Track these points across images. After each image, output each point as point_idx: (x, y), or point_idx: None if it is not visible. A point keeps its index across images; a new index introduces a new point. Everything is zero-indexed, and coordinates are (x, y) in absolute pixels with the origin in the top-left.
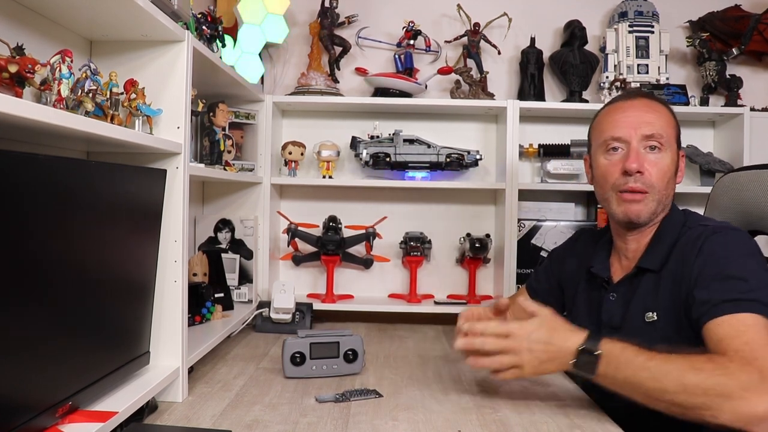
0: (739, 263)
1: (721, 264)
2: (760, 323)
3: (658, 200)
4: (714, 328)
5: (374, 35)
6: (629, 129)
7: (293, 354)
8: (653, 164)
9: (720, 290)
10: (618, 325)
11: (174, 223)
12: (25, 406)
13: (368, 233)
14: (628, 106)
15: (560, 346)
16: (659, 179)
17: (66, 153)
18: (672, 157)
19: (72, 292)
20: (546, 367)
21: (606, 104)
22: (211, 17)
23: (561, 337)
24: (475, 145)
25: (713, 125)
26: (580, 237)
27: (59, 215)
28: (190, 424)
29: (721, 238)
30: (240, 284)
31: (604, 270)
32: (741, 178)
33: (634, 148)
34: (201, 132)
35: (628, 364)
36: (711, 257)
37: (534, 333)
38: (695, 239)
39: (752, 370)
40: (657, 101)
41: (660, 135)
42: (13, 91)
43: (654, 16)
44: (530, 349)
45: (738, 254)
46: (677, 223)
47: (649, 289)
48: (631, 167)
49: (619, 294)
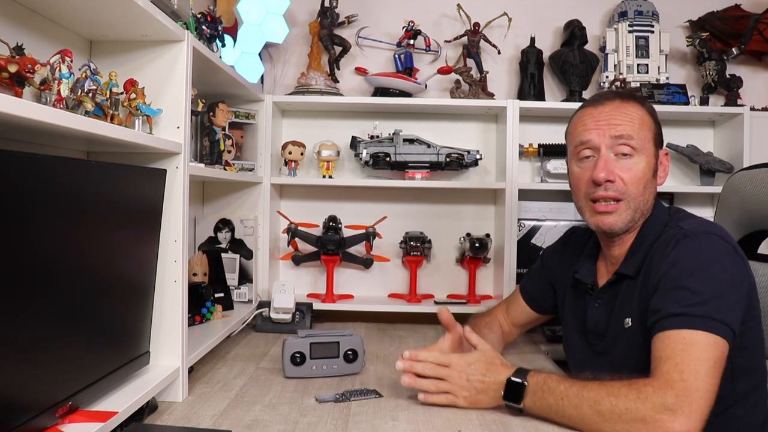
0: (699, 274)
1: (680, 273)
2: (701, 341)
3: (635, 208)
4: (657, 342)
5: (374, 35)
6: (598, 133)
7: (293, 354)
8: (625, 170)
9: (671, 301)
10: (603, 331)
11: (174, 223)
12: (25, 406)
13: (368, 233)
14: (598, 111)
15: (494, 379)
16: (633, 185)
17: (66, 153)
18: (647, 161)
19: (72, 292)
20: (481, 399)
21: (579, 107)
22: (211, 17)
23: (495, 371)
24: (475, 145)
25: (713, 125)
26: (570, 238)
27: (59, 215)
28: (190, 424)
29: (690, 243)
30: (240, 284)
31: (589, 276)
32: (751, 177)
33: (603, 156)
34: (201, 132)
35: (550, 392)
36: (674, 264)
37: (472, 366)
38: (667, 243)
39: (669, 392)
40: (631, 101)
41: (631, 137)
42: (13, 91)
43: (654, 15)
44: (468, 380)
45: (702, 264)
46: (659, 224)
47: (627, 295)
48: (599, 177)
49: (603, 301)
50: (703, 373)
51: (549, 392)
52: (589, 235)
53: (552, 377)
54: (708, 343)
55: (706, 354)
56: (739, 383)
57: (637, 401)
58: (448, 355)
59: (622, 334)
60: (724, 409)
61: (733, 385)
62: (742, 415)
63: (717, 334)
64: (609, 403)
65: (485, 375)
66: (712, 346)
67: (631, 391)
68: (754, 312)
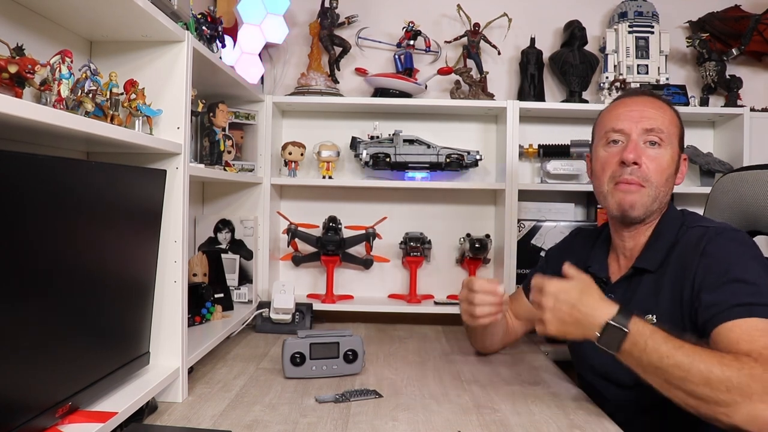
0: (744, 266)
1: (726, 267)
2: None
3: (654, 196)
4: (726, 333)
5: (374, 35)
6: (630, 122)
7: (293, 354)
8: (652, 159)
9: (729, 294)
10: None
11: (174, 223)
12: (25, 406)
13: (368, 233)
14: (631, 102)
15: (586, 313)
16: (657, 174)
17: (66, 153)
18: (672, 155)
19: (72, 293)
20: (569, 330)
21: (612, 101)
22: (211, 17)
23: (590, 304)
24: (475, 145)
25: (713, 125)
26: (577, 236)
27: (59, 215)
28: (190, 424)
29: (724, 240)
30: (240, 284)
31: (602, 270)
32: (741, 178)
33: (634, 140)
34: (201, 132)
35: (656, 349)
36: (716, 259)
37: (563, 293)
38: (697, 240)
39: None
40: (661, 100)
41: (660, 130)
42: (13, 91)
43: (654, 16)
44: (554, 308)
45: (742, 257)
46: (675, 222)
47: (648, 290)
48: (628, 157)
49: (617, 295)
50: None
51: (653, 348)
52: (597, 232)
53: (658, 332)
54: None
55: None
56: None
57: (749, 378)
58: (545, 280)
59: None
60: None
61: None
62: None
63: None
64: (721, 373)
65: (576, 306)
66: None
67: (743, 365)
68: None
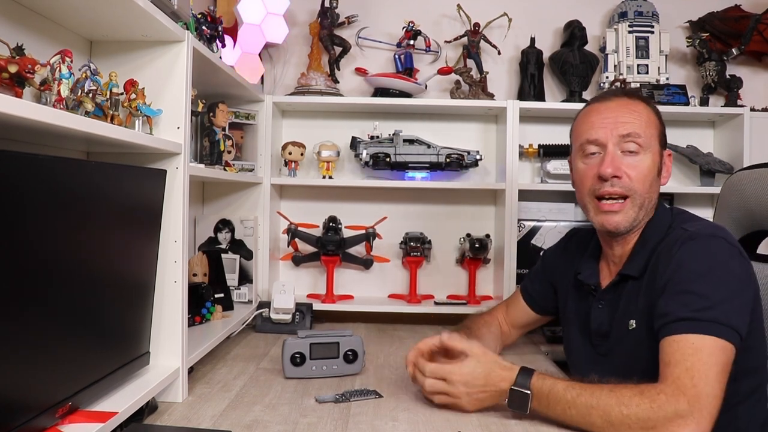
0: (705, 277)
1: (687, 276)
2: (710, 345)
3: (640, 205)
4: (665, 347)
5: (374, 35)
6: (605, 130)
7: (293, 354)
8: (632, 167)
9: (678, 305)
10: (606, 333)
11: (174, 223)
12: (25, 406)
13: (368, 233)
14: (604, 108)
15: (495, 386)
16: (640, 182)
17: (66, 153)
18: (653, 158)
19: (72, 293)
20: (485, 404)
21: (584, 105)
22: (211, 17)
23: (496, 377)
24: (475, 145)
25: (713, 125)
26: (572, 238)
27: (59, 215)
28: (190, 424)
29: (695, 246)
30: (240, 284)
31: (592, 277)
32: (750, 177)
33: (610, 152)
34: (201, 132)
35: (558, 401)
36: (679, 267)
37: (470, 376)
38: (672, 245)
39: (682, 399)
40: (637, 100)
41: (637, 134)
42: (13, 91)
43: (654, 16)
44: (468, 393)
45: (708, 267)
46: (663, 225)
47: (631, 296)
48: (605, 172)
49: (606, 301)
50: (712, 378)
51: (555, 401)
52: (590, 235)
53: (558, 384)
54: (716, 348)
55: (715, 359)
56: (742, 383)
57: (649, 410)
58: (443, 368)
59: (626, 335)
60: (726, 409)
61: (736, 386)
62: (743, 414)
63: (725, 338)
64: (620, 413)
65: (485, 385)
66: (720, 350)
67: (644, 399)
68: (758, 313)
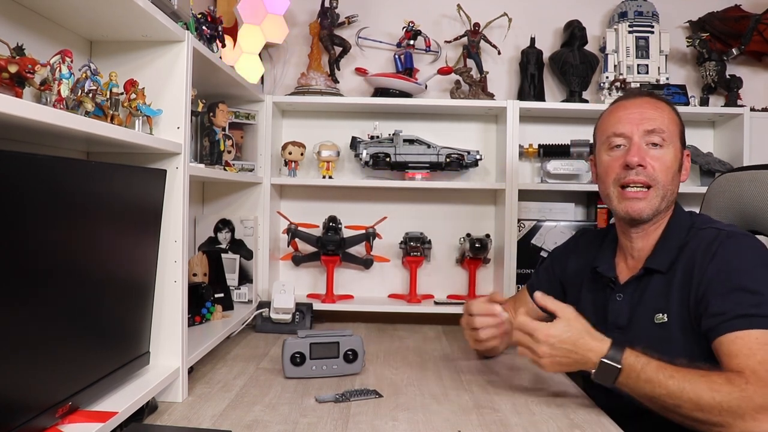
0: (753, 274)
1: (735, 274)
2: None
3: (662, 195)
4: (727, 344)
5: (374, 35)
6: (631, 125)
7: (293, 354)
8: (656, 159)
9: (733, 303)
10: (624, 325)
11: (174, 223)
12: (25, 406)
13: (368, 233)
14: (630, 104)
15: (583, 354)
16: (663, 173)
17: (66, 153)
18: (675, 154)
19: (72, 293)
20: (565, 369)
21: (610, 104)
22: (211, 17)
23: (585, 345)
24: (475, 145)
25: (713, 125)
26: (583, 236)
27: (59, 215)
28: (190, 424)
29: (735, 244)
30: (240, 284)
31: (610, 270)
32: (737, 179)
33: (636, 143)
34: (201, 132)
35: (648, 380)
36: (725, 265)
37: (558, 341)
38: (709, 243)
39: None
40: (660, 100)
41: (662, 130)
42: (13, 91)
43: (654, 16)
44: (552, 354)
45: (752, 264)
46: (684, 224)
47: (659, 290)
48: (632, 160)
49: (626, 294)
50: None
51: (646, 379)
52: (603, 233)
53: (651, 363)
54: None
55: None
56: None
57: (739, 399)
58: (532, 323)
59: (650, 328)
60: None
61: None
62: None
63: None
64: (711, 398)
65: (572, 351)
66: None
67: (734, 388)
68: None
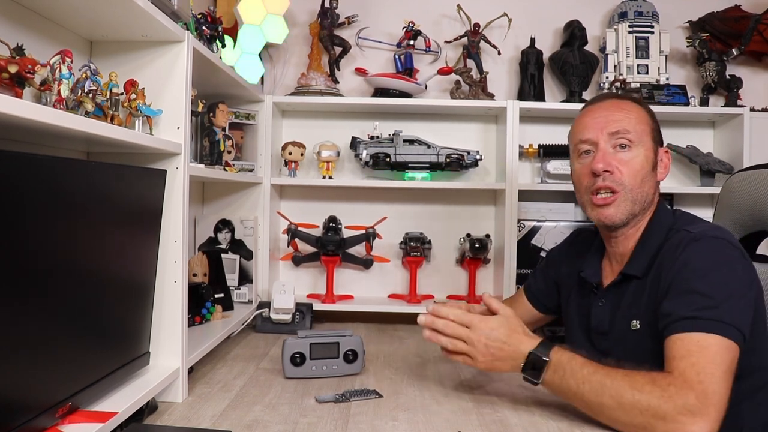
0: (709, 277)
1: (691, 276)
2: (714, 344)
3: (633, 199)
4: (670, 345)
5: (374, 35)
6: (596, 130)
7: (293, 354)
8: (624, 163)
9: (682, 305)
10: (606, 331)
11: (174, 223)
12: (25, 406)
13: (368, 233)
14: (596, 108)
15: (515, 347)
16: (630, 177)
17: (66, 153)
18: (646, 154)
19: (72, 293)
20: (498, 366)
21: (580, 109)
22: (211, 17)
23: (517, 339)
24: (475, 145)
25: (713, 125)
26: (576, 238)
27: (59, 215)
28: (190, 424)
29: (699, 247)
30: (240, 284)
31: (595, 275)
32: (750, 178)
33: (602, 149)
34: (201, 132)
35: (573, 374)
36: (684, 267)
37: (494, 331)
38: (676, 246)
39: (690, 394)
40: (628, 100)
41: (627, 131)
42: (13, 91)
43: (654, 16)
44: (487, 345)
45: (711, 267)
46: (664, 225)
47: (635, 296)
48: (597, 167)
49: (608, 300)
50: (718, 376)
51: (571, 374)
52: (594, 235)
53: (576, 358)
54: (720, 347)
55: (720, 357)
56: (746, 383)
57: (660, 399)
58: (470, 316)
59: (627, 335)
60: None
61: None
62: (746, 415)
63: (729, 337)
64: (632, 397)
65: (506, 342)
66: (725, 349)
67: (655, 388)
68: (761, 314)
